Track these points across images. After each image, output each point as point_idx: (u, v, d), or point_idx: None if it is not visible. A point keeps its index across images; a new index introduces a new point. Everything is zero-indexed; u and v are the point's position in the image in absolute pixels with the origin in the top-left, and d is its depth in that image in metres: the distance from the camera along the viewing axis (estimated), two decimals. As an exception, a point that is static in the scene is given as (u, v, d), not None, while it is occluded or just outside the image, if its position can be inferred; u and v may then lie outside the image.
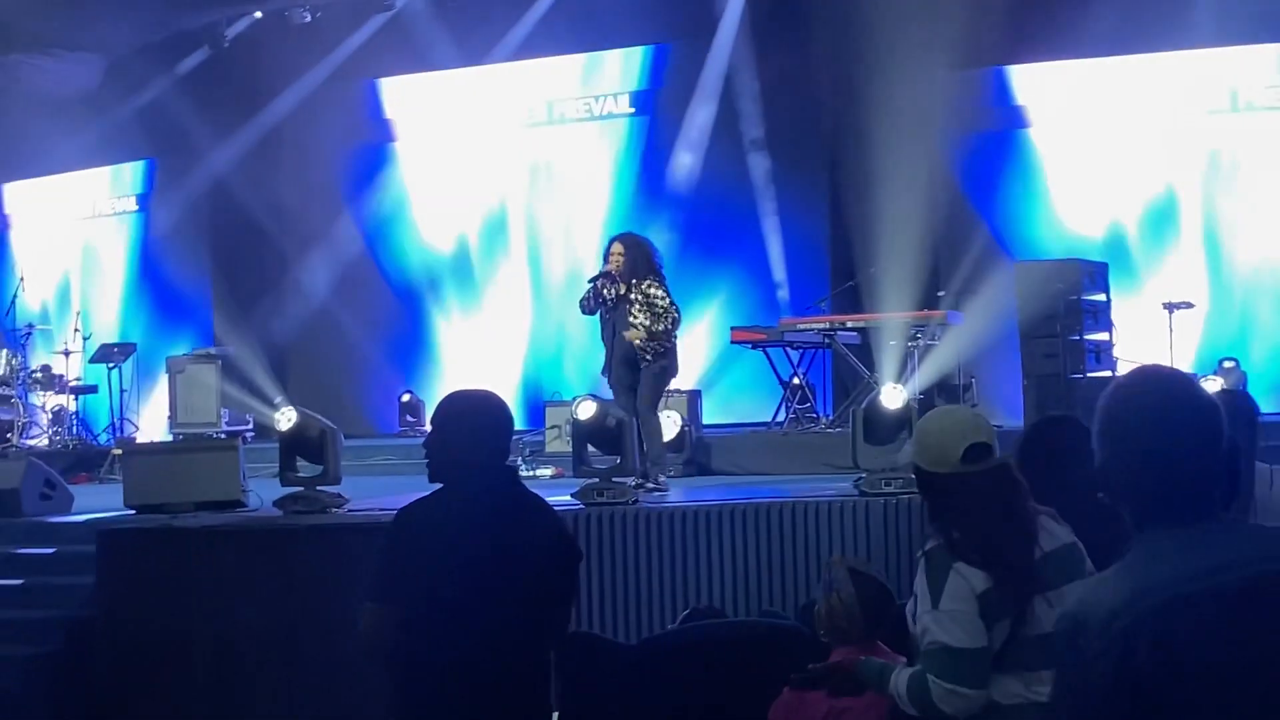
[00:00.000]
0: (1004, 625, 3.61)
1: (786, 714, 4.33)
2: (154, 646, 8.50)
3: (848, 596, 4.41)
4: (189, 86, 15.96)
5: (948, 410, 3.88)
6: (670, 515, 7.99)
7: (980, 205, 12.53)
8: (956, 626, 3.58)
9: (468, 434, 4.14)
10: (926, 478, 3.80)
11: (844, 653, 4.28)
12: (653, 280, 9.60)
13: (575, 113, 14.96)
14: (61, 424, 14.83)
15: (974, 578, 3.61)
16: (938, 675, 3.59)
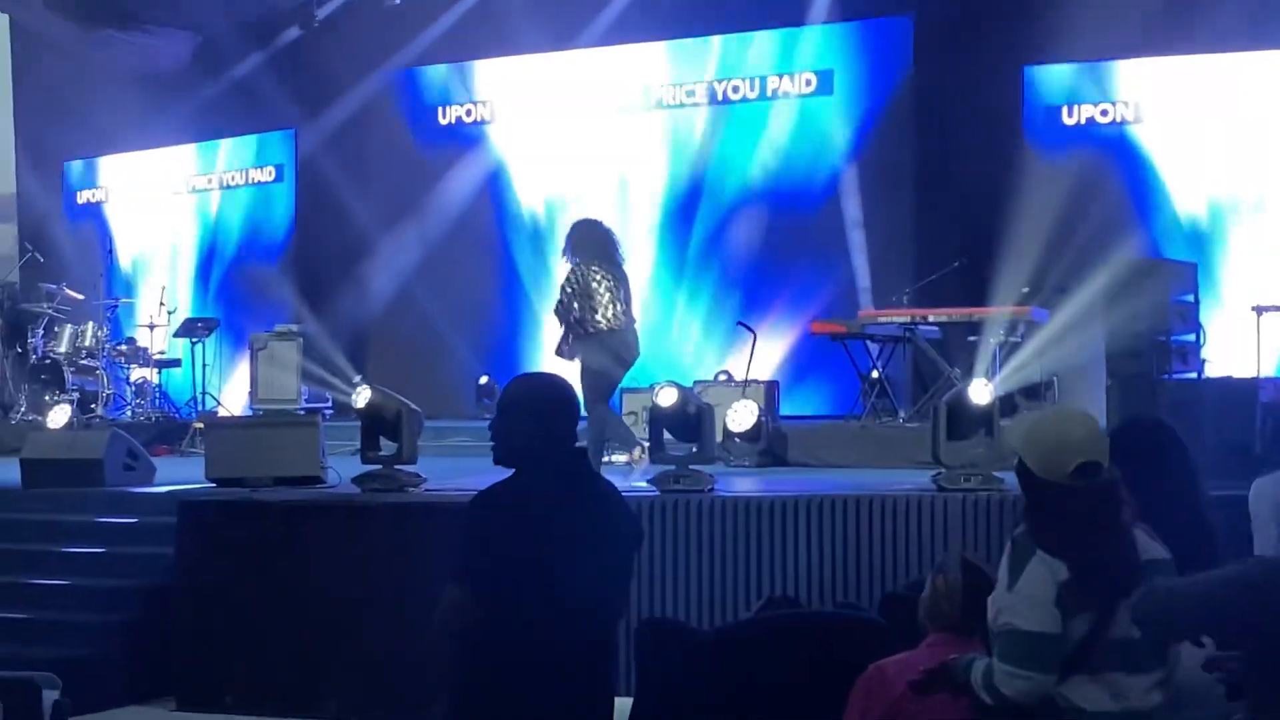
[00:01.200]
0: (1084, 620, 3.58)
1: (867, 691, 4.32)
2: (231, 618, 8.60)
3: (954, 581, 4.38)
4: (279, 66, 16.09)
5: (1066, 418, 3.80)
6: (746, 505, 7.97)
7: (1071, 201, 12.36)
8: (1027, 609, 3.58)
9: (536, 418, 4.16)
10: (1031, 479, 3.76)
11: (937, 639, 4.26)
12: (576, 265, 9.48)
13: (660, 99, 14.93)
14: (144, 397, 15.01)
15: (1056, 567, 3.59)
16: (1001, 657, 3.60)
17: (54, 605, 9.11)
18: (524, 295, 15.40)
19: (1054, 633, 3.56)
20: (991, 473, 7.93)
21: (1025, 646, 3.57)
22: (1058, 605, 3.57)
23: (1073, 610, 3.58)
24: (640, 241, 14.87)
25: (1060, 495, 3.66)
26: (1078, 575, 3.57)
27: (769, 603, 6.67)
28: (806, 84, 14.02)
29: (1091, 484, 3.67)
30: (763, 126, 14.24)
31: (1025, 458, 3.77)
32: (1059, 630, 3.57)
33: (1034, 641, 3.56)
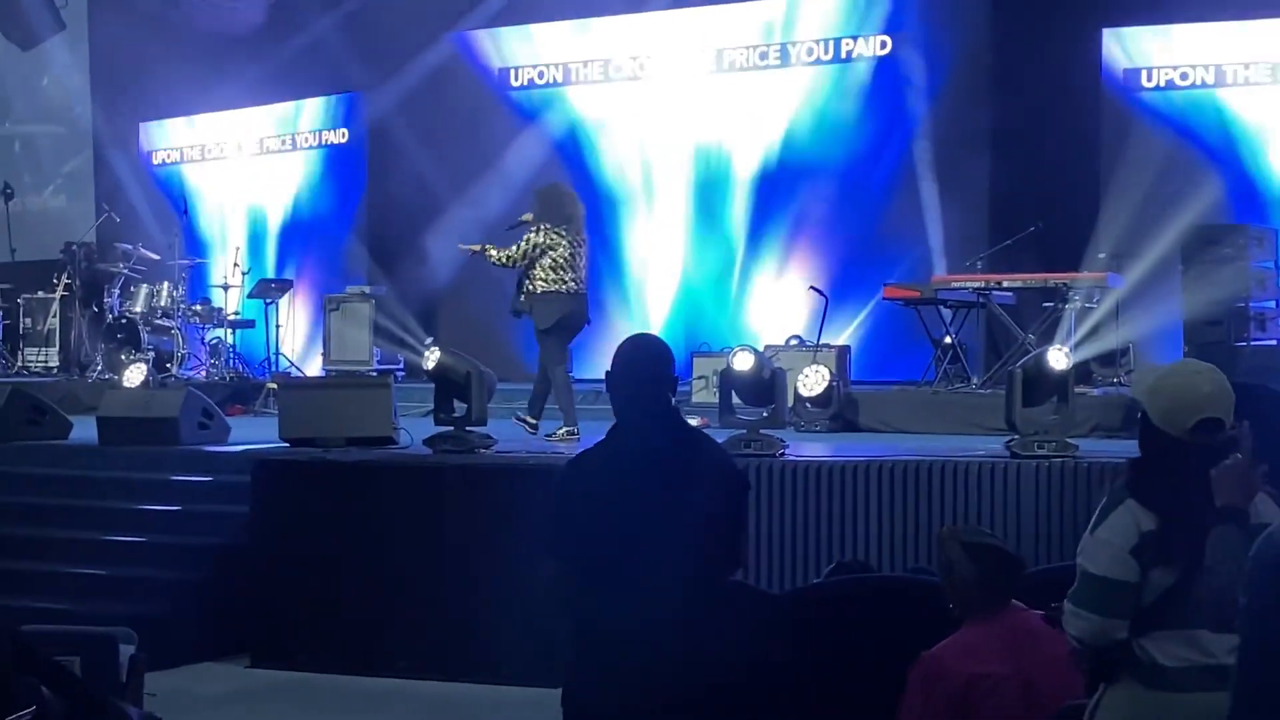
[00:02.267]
0: (1167, 573, 3.54)
1: (925, 680, 4.28)
2: (303, 577, 8.70)
3: (968, 573, 4.35)
4: (352, 28, 16.11)
5: (1193, 371, 3.72)
6: (817, 469, 7.96)
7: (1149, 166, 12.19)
8: (1100, 553, 3.58)
9: (629, 378, 4.22)
10: (1149, 428, 3.71)
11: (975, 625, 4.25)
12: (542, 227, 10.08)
13: (733, 62, 14.83)
14: (219, 357, 15.13)
15: (1144, 516, 3.56)
16: (1070, 597, 3.60)
17: (130, 562, 9.24)
18: (596, 257, 15.36)
19: (1124, 580, 3.55)
20: (1066, 439, 7.87)
21: (1090, 589, 3.58)
22: (1136, 555, 3.55)
23: (1153, 559, 3.55)
24: (711, 204, 14.82)
25: (1174, 448, 3.61)
26: (1166, 527, 3.54)
27: (839, 567, 6.65)
28: (881, 46, 13.88)
29: (1209, 442, 3.61)
30: (836, 89, 14.12)
31: (1147, 408, 3.71)
32: (1132, 579, 3.55)
33: (1100, 585, 3.56)
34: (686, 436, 4.29)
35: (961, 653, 4.22)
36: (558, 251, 10.01)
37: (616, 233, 15.27)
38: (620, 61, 15.34)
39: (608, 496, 4.06)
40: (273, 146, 17.77)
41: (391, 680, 8.22)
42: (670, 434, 4.23)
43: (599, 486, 4.11)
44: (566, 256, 10.04)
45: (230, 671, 8.55)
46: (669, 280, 14.98)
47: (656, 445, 4.15)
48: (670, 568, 3.96)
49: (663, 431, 4.21)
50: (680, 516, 4.00)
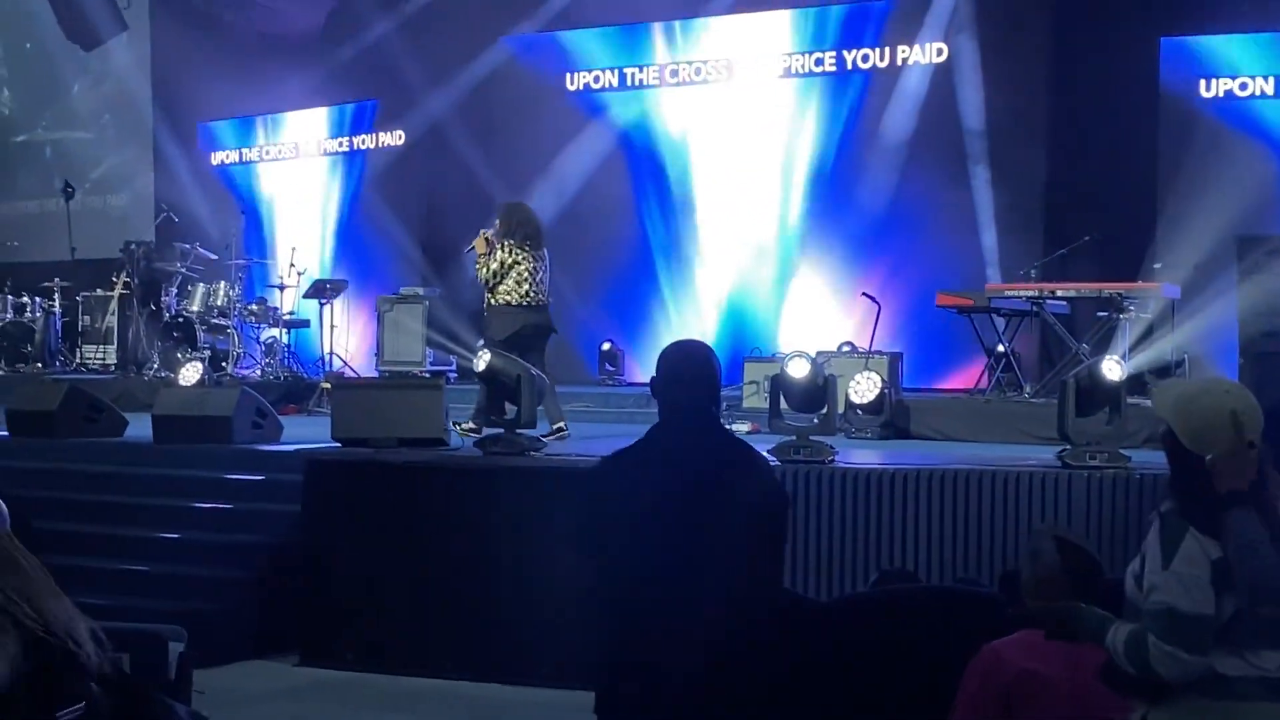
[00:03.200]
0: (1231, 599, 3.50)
1: (982, 671, 4.27)
2: (353, 577, 8.73)
3: (1054, 566, 4.32)
4: (409, 31, 16.20)
5: (1222, 391, 3.66)
6: (867, 476, 7.92)
7: (1204, 176, 12.10)
8: (1185, 590, 3.48)
9: (672, 383, 4.18)
10: (1179, 450, 3.66)
11: None
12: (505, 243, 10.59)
13: (795, 67, 14.82)
14: (273, 356, 15.24)
15: (1209, 544, 3.51)
16: (1159, 636, 3.51)
17: (182, 559, 9.30)
18: (649, 262, 15.41)
19: (1209, 614, 3.49)
20: (1119, 450, 7.82)
21: (1187, 628, 3.48)
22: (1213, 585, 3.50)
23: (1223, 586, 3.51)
24: (764, 210, 14.82)
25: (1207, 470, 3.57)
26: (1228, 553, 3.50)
27: (886, 576, 6.63)
28: (938, 53, 13.85)
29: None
30: (891, 96, 14.08)
31: (1175, 427, 3.65)
32: (1213, 610, 3.50)
33: (1194, 624, 3.47)
34: (727, 444, 4.24)
35: (1020, 648, 4.19)
36: (521, 267, 10.54)
37: (668, 237, 15.30)
38: (675, 66, 15.36)
39: (641, 498, 4.00)
40: (329, 148, 17.91)
41: (438, 681, 8.24)
42: (711, 441, 4.18)
43: (633, 487, 4.06)
44: (529, 271, 10.55)
45: (278, 670, 8.59)
46: (721, 285, 15.00)
47: (694, 451, 4.09)
48: (704, 575, 3.93)
49: (703, 437, 4.16)
50: (714, 525, 3.96)
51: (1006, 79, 13.36)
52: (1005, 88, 13.34)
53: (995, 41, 13.43)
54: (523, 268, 10.53)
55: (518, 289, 10.53)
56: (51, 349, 16.59)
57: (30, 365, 16.15)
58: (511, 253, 10.54)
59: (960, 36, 13.62)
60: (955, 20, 13.69)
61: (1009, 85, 13.35)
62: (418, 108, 16.53)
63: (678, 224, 15.30)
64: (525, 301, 10.55)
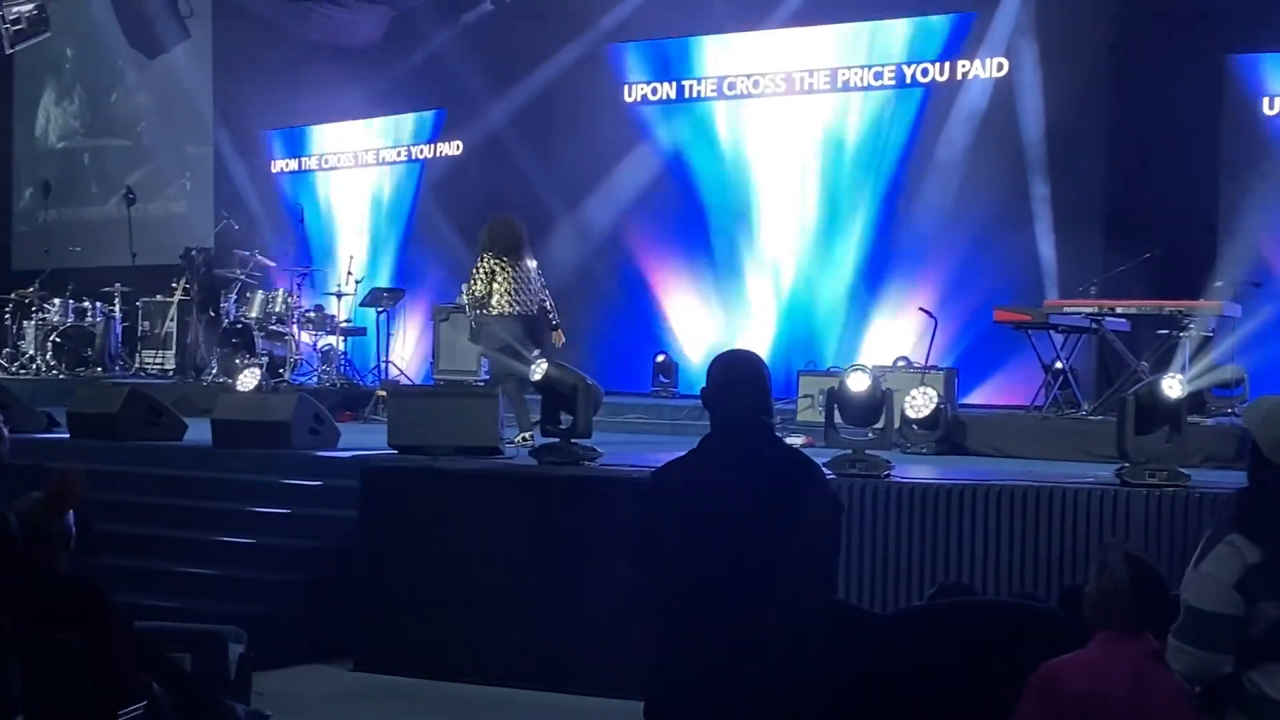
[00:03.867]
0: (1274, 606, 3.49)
1: (1041, 691, 4.25)
2: (409, 583, 8.78)
3: (1121, 580, 4.29)
4: (468, 41, 16.28)
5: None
6: (923, 491, 7.91)
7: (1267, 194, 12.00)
8: (1204, 588, 3.54)
9: (723, 392, 4.19)
10: (1259, 460, 3.67)
11: (1108, 636, 4.18)
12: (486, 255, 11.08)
13: (854, 81, 14.77)
14: (330, 363, 15.34)
15: (1248, 550, 3.51)
16: (1174, 632, 3.55)
17: (241, 563, 9.39)
18: (703, 274, 15.41)
19: (1229, 614, 3.50)
20: (1177, 469, 7.77)
21: (1195, 623, 3.55)
22: (1241, 588, 3.50)
23: (1259, 593, 3.50)
24: (820, 223, 14.80)
25: None
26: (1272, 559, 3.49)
27: (942, 589, 6.60)
28: (998, 67, 13.78)
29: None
30: (950, 110, 14.03)
31: (1258, 439, 3.67)
32: (1237, 612, 3.50)
33: (1205, 620, 3.53)
34: (779, 454, 4.24)
35: (1082, 667, 4.17)
36: (498, 278, 11.01)
37: (724, 249, 15.30)
38: (732, 80, 15.37)
39: (693, 509, 4.02)
40: (388, 157, 18.02)
41: (493, 689, 8.27)
42: (762, 450, 4.18)
43: (685, 498, 4.08)
44: (510, 280, 11.00)
45: (335, 674, 8.65)
46: (776, 298, 14.99)
47: (747, 461, 4.10)
48: (758, 585, 3.93)
49: (754, 447, 4.16)
50: (769, 534, 3.96)
51: (1067, 93, 13.27)
52: (1065, 102, 13.26)
53: (1056, 55, 13.35)
54: (504, 277, 11.01)
55: (502, 299, 11.00)
56: (111, 353, 16.77)
57: (90, 369, 16.33)
58: (491, 263, 11.03)
59: (1021, 50, 13.54)
60: (1016, 34, 13.61)
61: (1069, 100, 13.26)
62: (476, 118, 16.61)
63: (733, 236, 15.30)
64: (512, 311, 11.01)
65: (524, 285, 11.08)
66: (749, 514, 3.98)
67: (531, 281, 11.17)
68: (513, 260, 11.08)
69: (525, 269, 11.14)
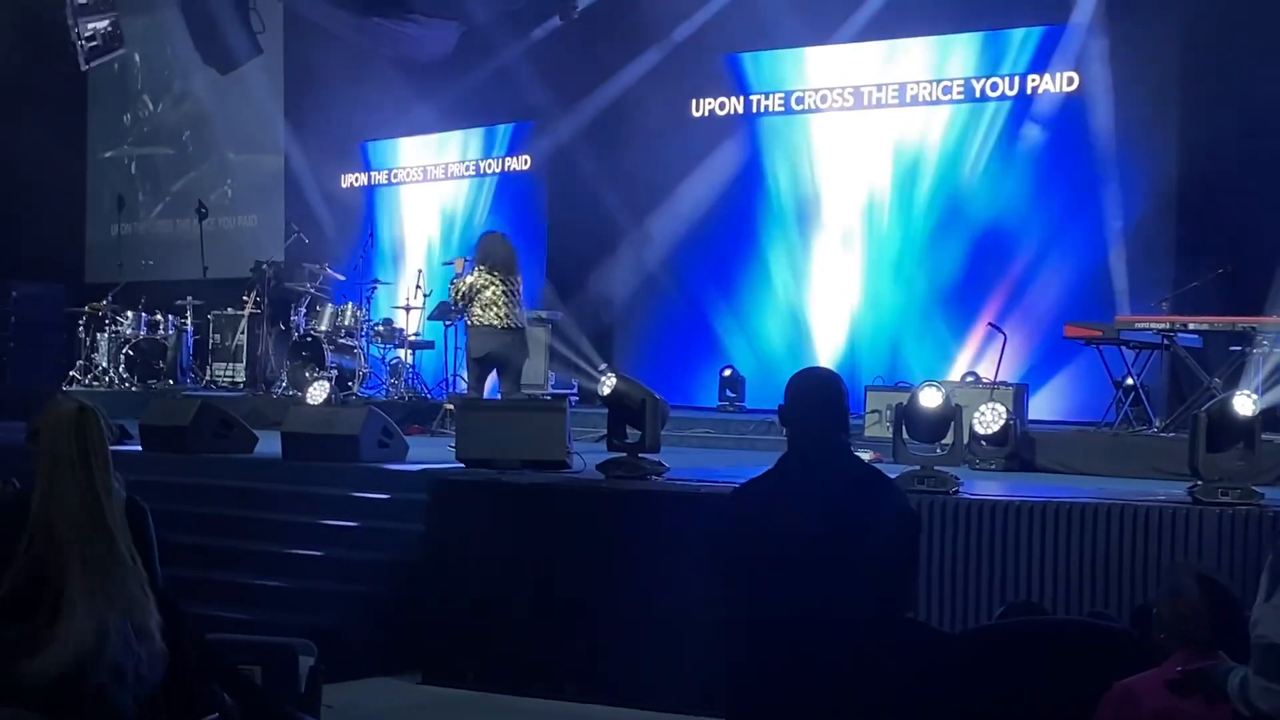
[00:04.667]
0: None
1: (1114, 710, 4.21)
2: (476, 597, 8.80)
3: (1194, 601, 4.25)
4: (538, 56, 16.35)
5: None
6: (992, 508, 7.84)
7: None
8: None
9: (801, 410, 4.19)
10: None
11: (1182, 658, 4.13)
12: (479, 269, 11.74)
13: (922, 96, 14.73)
14: (398, 377, 15.42)
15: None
16: (1258, 670, 3.45)
17: (310, 575, 9.44)
18: (771, 288, 15.39)
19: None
20: (1251, 487, 7.67)
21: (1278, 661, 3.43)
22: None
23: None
24: (888, 237, 14.74)
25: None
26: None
27: (1012, 608, 6.55)
28: (1069, 82, 13.68)
29: None
30: (1020, 124, 13.95)
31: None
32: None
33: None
34: (858, 471, 4.24)
35: (1156, 688, 4.13)
36: (489, 291, 11.64)
37: (791, 264, 15.28)
38: (803, 92, 15.35)
39: (774, 527, 4.03)
40: (456, 172, 18.12)
41: (560, 703, 8.28)
42: (841, 468, 4.18)
43: (766, 516, 4.09)
44: (497, 295, 11.64)
45: (402, 687, 8.68)
46: (842, 313, 14.94)
47: (827, 479, 4.11)
48: (839, 604, 3.93)
49: (833, 465, 4.17)
50: (850, 552, 3.96)
51: (1138, 107, 13.16)
52: (1136, 116, 13.15)
53: (1127, 70, 13.23)
54: (488, 292, 11.64)
55: (485, 312, 11.65)
56: (183, 366, 16.94)
57: (162, 381, 16.50)
58: (480, 276, 11.67)
59: (1092, 65, 13.44)
60: (1087, 48, 13.51)
61: (1140, 114, 13.16)
62: (544, 132, 16.68)
63: (800, 250, 15.27)
64: (496, 324, 11.66)
65: (515, 301, 11.74)
66: (827, 532, 3.99)
67: (520, 298, 11.87)
68: (504, 275, 11.70)
69: (516, 284, 11.81)
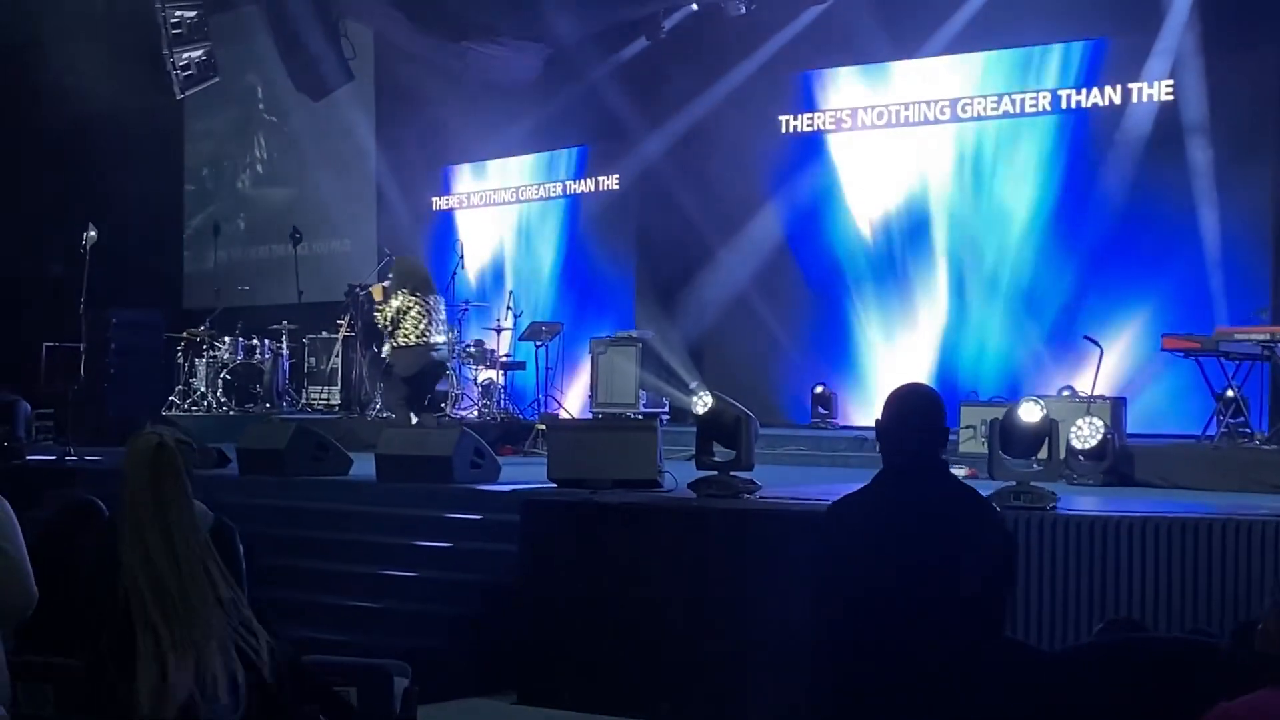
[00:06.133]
0: None
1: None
2: (569, 617, 8.80)
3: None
4: (624, 76, 16.39)
5: None
6: (1090, 524, 7.72)
7: None
8: None
9: (899, 427, 4.16)
10: None
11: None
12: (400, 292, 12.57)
13: (1006, 109, 14.60)
14: (490, 397, 15.50)
15: None
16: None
17: (405, 596, 9.50)
18: (861, 305, 15.31)
19: None
20: (1358, 499, 7.51)
21: None
22: None
23: None
24: (979, 251, 14.61)
25: None
26: None
27: (1110, 625, 6.43)
28: (1167, 91, 13.48)
29: None
30: (1115, 133, 13.77)
31: None
32: None
33: None
34: (955, 491, 4.20)
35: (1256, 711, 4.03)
36: (413, 311, 12.40)
37: (881, 279, 15.18)
38: (889, 108, 15.27)
39: (870, 545, 4.01)
40: (546, 192, 18.19)
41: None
42: (938, 487, 4.14)
43: (862, 534, 4.07)
44: (421, 313, 12.40)
45: (497, 708, 8.69)
46: (935, 327, 14.82)
47: (923, 497, 4.07)
48: (934, 627, 3.89)
49: (930, 483, 4.13)
50: (946, 575, 3.93)
51: (1235, 116, 12.96)
52: (1234, 125, 12.95)
53: (1223, 77, 13.04)
54: (414, 312, 12.40)
55: (414, 330, 12.41)
56: (279, 389, 17.12)
57: (259, 405, 16.69)
58: (403, 299, 12.39)
59: (1187, 72, 13.25)
60: (1181, 56, 13.32)
61: (1237, 122, 12.96)
62: (632, 152, 16.70)
63: (891, 266, 15.17)
64: (421, 342, 12.47)
65: (438, 319, 12.61)
66: (923, 552, 3.96)
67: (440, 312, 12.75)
68: (424, 295, 12.49)
69: (435, 302, 12.67)
